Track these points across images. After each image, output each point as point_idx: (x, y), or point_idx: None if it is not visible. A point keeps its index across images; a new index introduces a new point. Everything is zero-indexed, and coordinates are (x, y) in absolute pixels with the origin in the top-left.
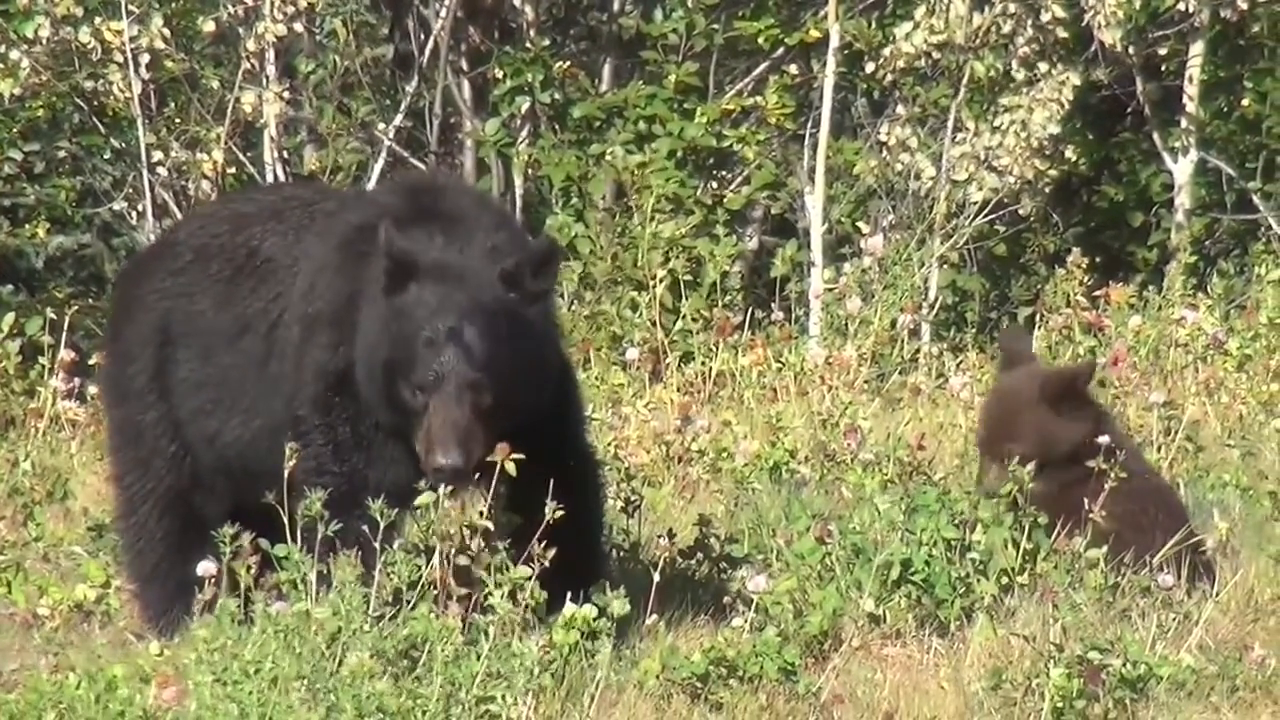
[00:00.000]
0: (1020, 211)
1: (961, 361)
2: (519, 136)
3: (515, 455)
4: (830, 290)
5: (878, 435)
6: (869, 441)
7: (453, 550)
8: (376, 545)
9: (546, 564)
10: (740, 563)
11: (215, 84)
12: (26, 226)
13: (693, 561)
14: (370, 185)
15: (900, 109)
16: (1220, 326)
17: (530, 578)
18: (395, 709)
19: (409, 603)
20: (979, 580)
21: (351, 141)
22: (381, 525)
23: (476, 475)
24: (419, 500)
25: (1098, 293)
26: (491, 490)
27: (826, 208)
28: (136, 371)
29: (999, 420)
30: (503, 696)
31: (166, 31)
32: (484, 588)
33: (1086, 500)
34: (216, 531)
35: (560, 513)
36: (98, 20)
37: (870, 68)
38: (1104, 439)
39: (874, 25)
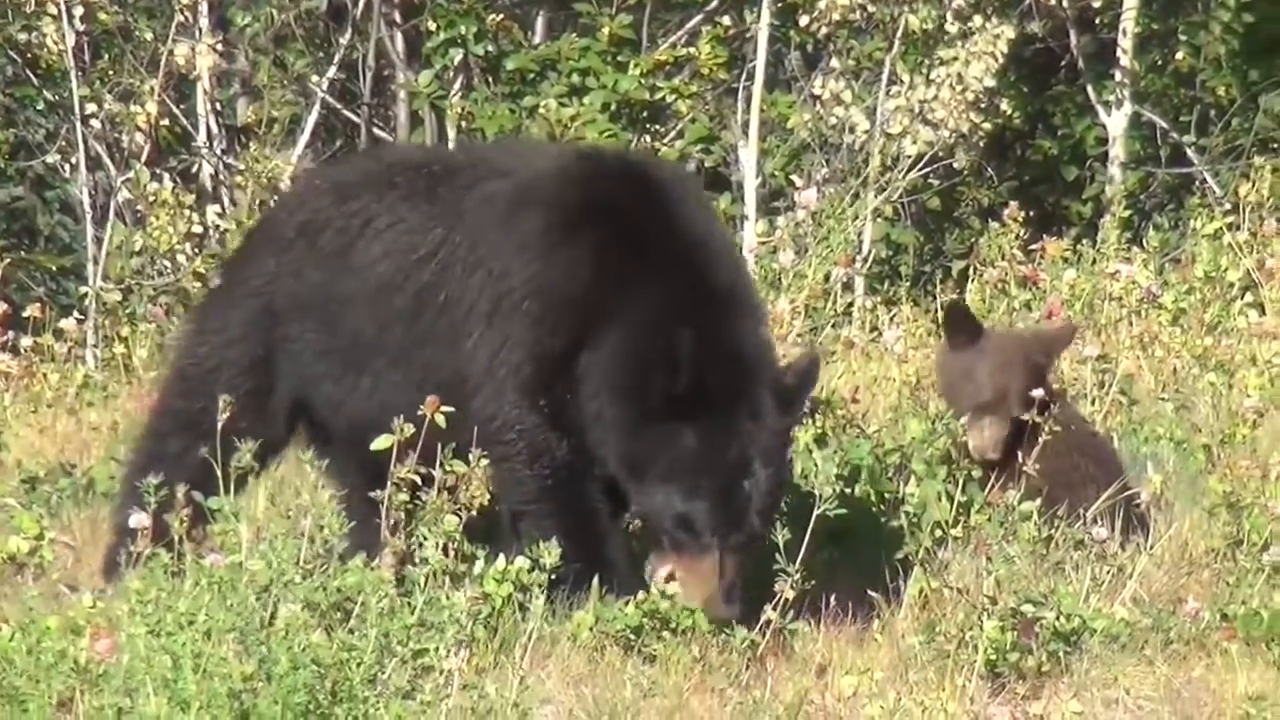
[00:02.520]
0: (954, 165)
1: (895, 315)
2: (452, 89)
3: (446, 408)
4: (764, 243)
5: None
6: None
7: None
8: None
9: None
10: None
11: (149, 36)
12: None
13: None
14: (305, 137)
15: (834, 62)
16: (1155, 280)
17: (460, 529)
18: (329, 661)
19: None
20: (913, 533)
21: (285, 94)
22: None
23: None
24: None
25: (1033, 246)
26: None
27: (760, 161)
28: (240, 354)
29: (998, 381)
30: (436, 649)
31: None
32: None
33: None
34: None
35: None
36: None
37: (804, 20)
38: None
39: None
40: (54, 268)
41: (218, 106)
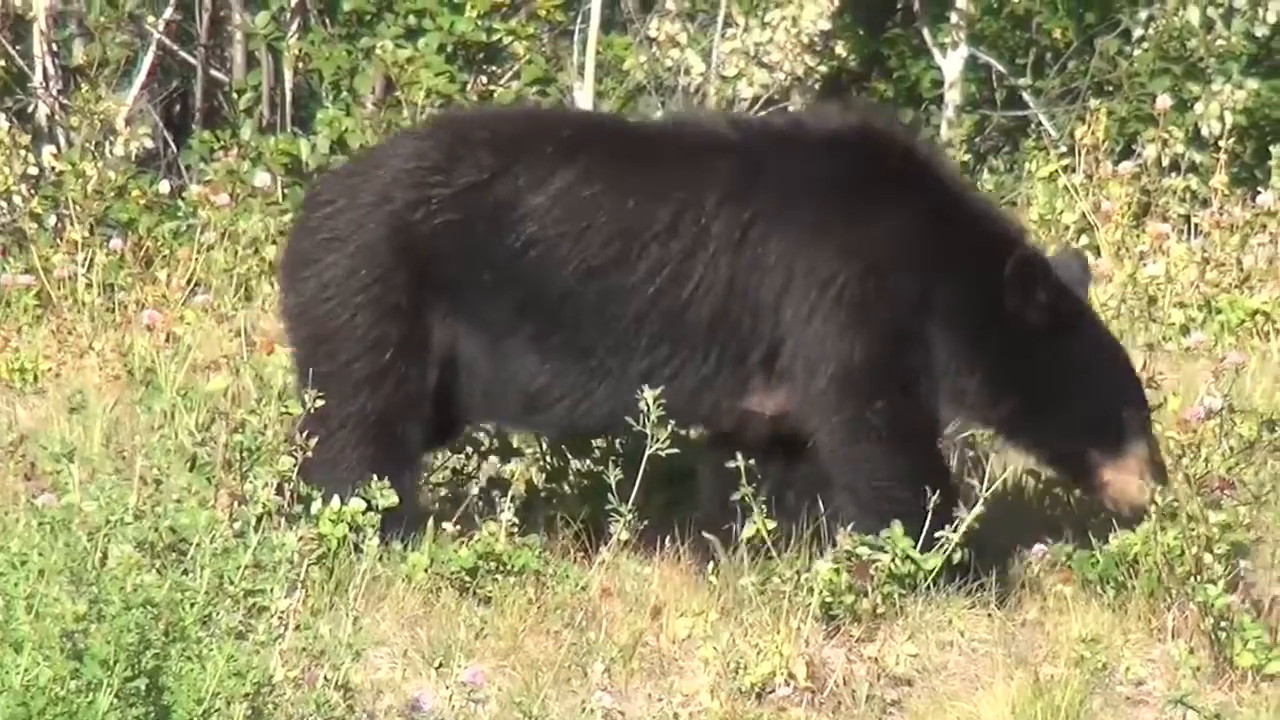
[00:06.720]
0: (790, 108)
1: None
2: (289, 30)
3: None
4: None
5: None
6: None
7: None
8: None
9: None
10: (511, 457)
11: None
12: None
13: (462, 455)
14: (141, 78)
15: (670, 4)
16: None
17: (294, 469)
18: (162, 601)
19: (177, 499)
20: (749, 474)
21: (120, 35)
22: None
23: None
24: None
25: None
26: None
27: (596, 103)
28: None
29: None
30: (269, 589)
31: None
32: None
33: None
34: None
35: None
36: None
37: None
38: None
39: None
40: None
41: (54, 47)
